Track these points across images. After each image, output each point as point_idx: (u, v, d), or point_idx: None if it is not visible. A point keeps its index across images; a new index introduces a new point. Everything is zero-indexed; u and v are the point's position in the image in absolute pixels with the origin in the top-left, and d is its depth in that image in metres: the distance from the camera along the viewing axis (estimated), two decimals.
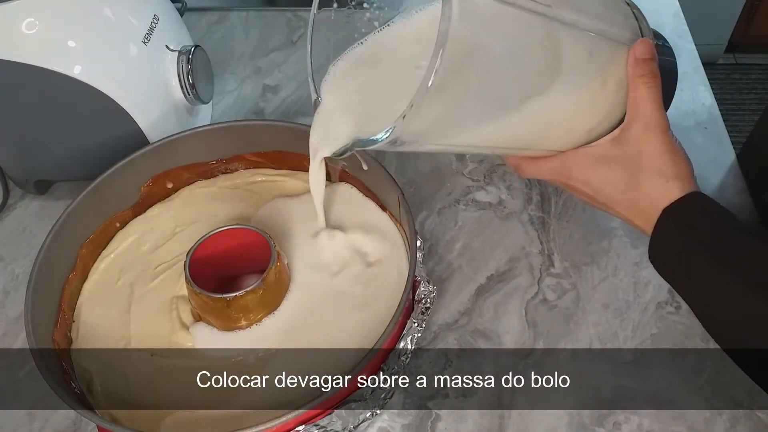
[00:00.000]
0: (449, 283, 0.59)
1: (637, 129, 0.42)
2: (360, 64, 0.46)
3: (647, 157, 0.42)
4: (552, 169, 0.46)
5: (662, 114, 0.42)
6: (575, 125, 0.43)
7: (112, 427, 0.43)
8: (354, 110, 0.45)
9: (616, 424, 0.50)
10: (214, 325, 0.51)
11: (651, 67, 0.42)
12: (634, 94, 0.42)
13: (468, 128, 0.40)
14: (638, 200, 0.43)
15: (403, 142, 0.37)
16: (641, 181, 0.42)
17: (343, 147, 0.44)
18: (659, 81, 0.42)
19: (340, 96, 0.46)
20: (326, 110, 0.47)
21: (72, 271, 0.55)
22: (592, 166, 0.44)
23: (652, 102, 0.42)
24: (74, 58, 0.56)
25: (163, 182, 0.61)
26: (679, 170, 0.42)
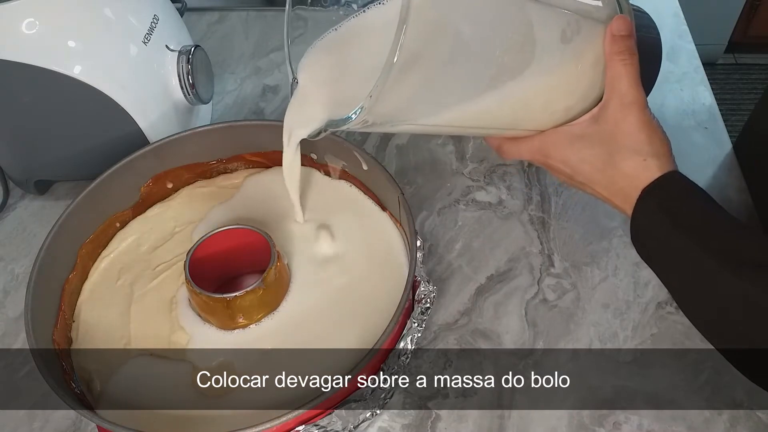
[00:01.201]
0: (449, 283, 0.59)
1: (614, 106, 0.42)
2: (336, 47, 0.46)
3: (624, 134, 0.42)
4: (531, 149, 0.46)
5: (639, 91, 0.42)
6: (552, 104, 0.43)
7: (112, 427, 0.43)
8: (328, 92, 0.45)
9: (616, 424, 0.50)
10: (214, 324, 0.51)
11: (627, 44, 0.41)
12: (611, 71, 0.42)
13: (441, 108, 0.39)
14: (615, 179, 0.42)
15: (375, 122, 0.37)
16: (618, 160, 0.42)
17: (317, 128, 0.44)
18: (636, 58, 0.42)
19: (315, 78, 0.46)
20: (302, 92, 0.47)
21: (72, 271, 0.55)
22: (569, 145, 0.44)
23: (629, 79, 0.41)
24: (74, 58, 0.56)
25: (163, 182, 0.61)
26: (656, 148, 0.42)
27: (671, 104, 0.73)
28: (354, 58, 0.46)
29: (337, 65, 0.46)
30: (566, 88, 0.43)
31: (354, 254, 0.55)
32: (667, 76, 0.76)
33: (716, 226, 0.40)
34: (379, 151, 0.71)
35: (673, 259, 0.41)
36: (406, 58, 0.33)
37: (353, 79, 0.45)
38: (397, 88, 0.34)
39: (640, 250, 0.44)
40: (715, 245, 0.39)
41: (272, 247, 0.51)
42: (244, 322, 0.51)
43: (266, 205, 0.59)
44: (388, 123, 0.39)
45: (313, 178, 0.61)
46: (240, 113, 0.76)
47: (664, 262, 0.43)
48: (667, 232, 0.40)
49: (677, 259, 0.41)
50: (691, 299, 0.42)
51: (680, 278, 0.42)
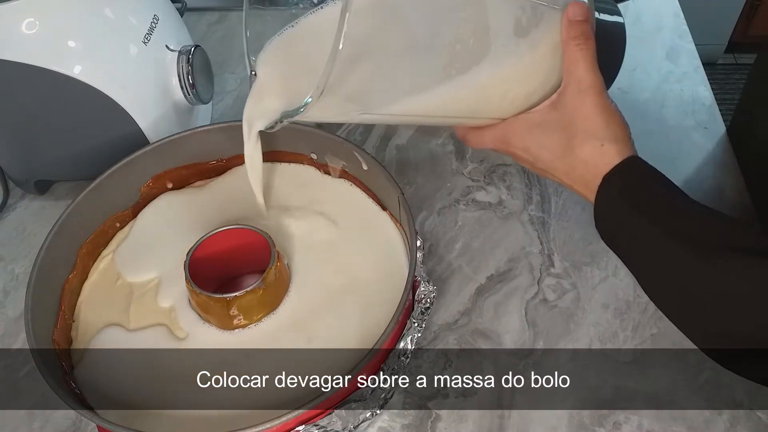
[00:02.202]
0: (449, 283, 0.59)
1: (571, 92, 0.42)
2: (292, 41, 0.46)
3: (581, 119, 0.42)
4: (494, 138, 0.46)
5: (596, 75, 0.41)
6: (511, 92, 0.43)
7: (112, 427, 0.43)
8: (284, 84, 0.46)
9: (616, 424, 0.50)
10: (214, 324, 0.51)
11: (583, 28, 0.41)
12: (568, 56, 0.42)
13: (396, 98, 0.40)
14: (574, 165, 0.42)
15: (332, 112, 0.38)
16: (576, 145, 0.42)
17: (274, 120, 0.45)
18: (592, 43, 0.42)
19: (272, 71, 0.46)
20: (260, 85, 0.47)
21: (72, 271, 0.55)
22: (529, 132, 0.44)
23: (585, 63, 0.41)
24: (74, 58, 0.56)
25: (163, 182, 0.61)
26: (613, 132, 0.41)
27: (671, 104, 0.73)
28: (309, 52, 0.46)
29: (293, 59, 0.46)
30: (525, 76, 0.43)
31: (354, 254, 0.55)
32: (667, 76, 0.76)
33: (677, 210, 0.40)
34: (379, 151, 0.71)
35: (636, 244, 0.41)
36: (354, 47, 0.33)
37: (307, 71, 0.44)
38: (348, 78, 0.34)
39: (604, 236, 0.44)
40: (676, 229, 0.39)
41: (272, 247, 0.51)
42: (244, 322, 0.51)
43: None
44: (345, 113, 0.39)
45: (314, 177, 0.61)
46: (240, 113, 0.76)
47: (627, 248, 0.43)
48: (628, 218, 0.40)
49: (640, 244, 0.41)
50: (655, 283, 0.42)
51: (644, 263, 0.42)
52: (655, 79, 0.76)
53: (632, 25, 0.83)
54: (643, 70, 0.77)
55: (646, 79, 0.76)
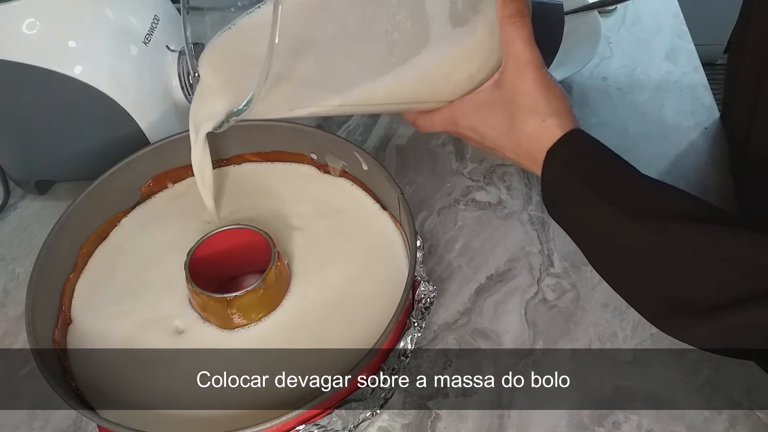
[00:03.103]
0: (449, 282, 0.59)
1: (511, 70, 0.42)
2: (232, 41, 0.47)
3: (522, 96, 0.42)
4: (443, 120, 0.47)
5: (532, 51, 0.42)
6: (453, 74, 0.43)
7: (112, 427, 0.43)
8: (227, 85, 0.46)
9: (615, 424, 0.50)
10: (214, 324, 0.51)
11: (517, 6, 0.42)
12: (504, 35, 0.42)
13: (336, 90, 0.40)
14: (520, 142, 0.43)
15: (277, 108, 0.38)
16: (519, 122, 0.43)
17: (220, 121, 0.45)
18: (527, 20, 0.42)
19: (215, 72, 0.47)
20: (203, 87, 0.47)
21: (72, 271, 0.55)
22: (475, 112, 0.45)
23: (522, 40, 0.42)
24: (75, 58, 0.56)
25: (163, 182, 0.61)
26: (554, 107, 0.42)
27: (671, 104, 0.73)
28: (248, 50, 0.46)
29: (233, 58, 0.47)
30: (465, 58, 0.43)
31: (354, 254, 0.55)
32: (667, 76, 0.76)
33: (619, 180, 0.41)
34: (379, 151, 0.71)
35: (584, 216, 0.42)
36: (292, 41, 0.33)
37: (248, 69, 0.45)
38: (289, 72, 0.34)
39: (551, 211, 0.44)
40: (618, 197, 0.40)
41: (272, 247, 0.51)
42: (244, 321, 0.51)
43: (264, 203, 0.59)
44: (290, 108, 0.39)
45: (314, 177, 0.61)
46: None
47: (571, 219, 0.43)
48: (574, 190, 0.41)
49: (587, 217, 0.41)
50: (599, 254, 0.43)
51: (587, 233, 0.43)
52: (655, 80, 0.76)
53: (632, 25, 0.83)
54: (643, 70, 0.77)
55: (645, 79, 0.76)
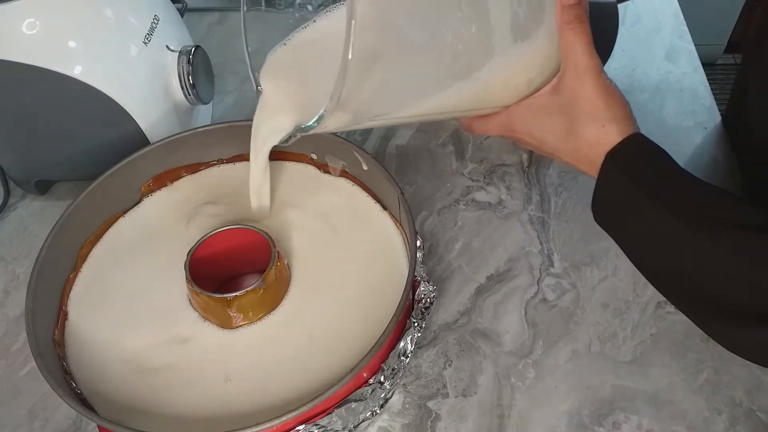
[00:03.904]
0: (449, 283, 0.59)
1: (570, 75, 0.43)
2: (296, 52, 0.47)
3: (581, 102, 0.42)
4: (499, 125, 0.47)
5: (592, 57, 0.42)
6: (512, 81, 0.44)
7: (112, 426, 0.43)
8: (293, 98, 0.46)
9: (615, 424, 0.51)
10: (214, 323, 0.51)
11: (576, 12, 0.42)
12: (564, 41, 0.42)
13: (403, 102, 0.40)
14: (578, 147, 0.43)
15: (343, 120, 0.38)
16: (578, 128, 0.43)
17: (287, 135, 0.45)
18: (587, 25, 0.42)
19: (278, 85, 0.47)
20: (267, 100, 0.47)
21: (72, 271, 0.55)
22: (532, 117, 0.45)
23: (581, 46, 0.42)
24: (75, 58, 0.56)
25: (163, 182, 0.61)
26: (614, 113, 0.42)
27: (671, 104, 0.74)
28: (315, 62, 0.46)
29: (298, 70, 0.47)
30: (525, 64, 0.43)
31: (354, 254, 0.55)
32: (667, 76, 0.76)
33: (679, 187, 0.41)
34: (379, 151, 0.71)
35: (637, 221, 0.42)
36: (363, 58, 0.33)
37: (316, 83, 0.45)
38: (358, 87, 0.35)
39: (599, 214, 0.44)
40: (676, 204, 0.40)
41: (272, 247, 0.51)
42: (244, 321, 0.51)
43: None
44: (357, 121, 0.39)
45: (314, 177, 0.61)
46: (240, 113, 0.76)
47: (627, 226, 0.43)
48: (629, 193, 0.41)
49: (641, 222, 0.41)
50: (652, 260, 0.43)
51: (643, 241, 0.42)
52: (655, 80, 0.76)
53: (632, 26, 0.83)
54: (643, 70, 0.77)
55: (645, 79, 0.76)
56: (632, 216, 0.42)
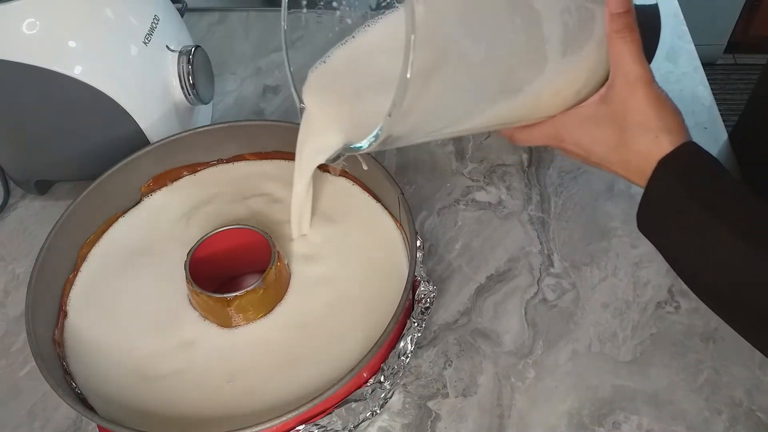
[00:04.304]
0: (449, 283, 0.59)
1: (620, 85, 0.42)
2: (339, 67, 0.46)
3: (633, 112, 0.42)
4: (545, 134, 0.46)
5: (643, 66, 0.41)
6: (561, 92, 0.43)
7: (112, 426, 0.43)
8: (340, 115, 0.45)
9: (615, 424, 0.51)
10: (214, 323, 0.51)
11: (626, 20, 0.41)
12: (613, 50, 0.42)
13: (455, 119, 0.40)
14: (629, 158, 0.42)
15: (396, 139, 0.37)
16: (629, 138, 0.42)
17: (335, 154, 0.44)
18: (637, 34, 0.41)
19: (323, 102, 0.46)
20: (312, 117, 0.46)
21: (72, 271, 0.55)
22: (580, 127, 0.44)
23: (631, 56, 0.41)
24: (75, 58, 0.56)
25: (163, 182, 0.61)
26: (666, 123, 0.41)
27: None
28: (359, 79, 0.46)
29: (343, 87, 0.46)
30: (573, 74, 0.43)
31: (354, 254, 0.55)
32: (667, 77, 0.76)
33: (734, 198, 0.40)
34: (379, 152, 0.71)
35: (687, 231, 0.41)
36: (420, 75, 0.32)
37: (363, 100, 0.45)
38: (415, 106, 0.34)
39: (644, 221, 0.43)
40: (730, 217, 0.39)
41: (272, 247, 0.51)
42: (244, 321, 0.51)
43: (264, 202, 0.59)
44: (405, 138, 0.39)
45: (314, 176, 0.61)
46: (240, 113, 0.77)
47: (675, 235, 0.42)
48: (681, 203, 0.40)
49: (691, 231, 0.40)
50: (700, 273, 0.42)
51: (691, 251, 0.41)
52: None
53: None
54: None
55: None
56: (682, 225, 0.41)
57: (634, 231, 0.61)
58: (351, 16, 0.47)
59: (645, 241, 0.48)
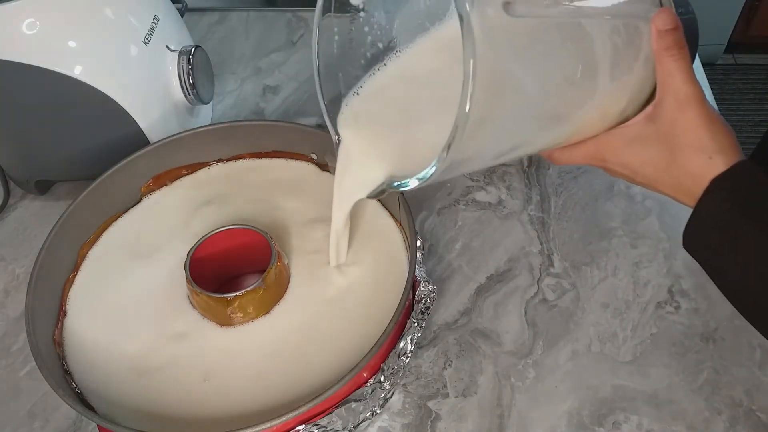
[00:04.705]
0: (449, 282, 0.59)
1: (670, 104, 0.40)
2: (375, 97, 0.45)
3: (684, 132, 0.40)
4: (587, 155, 0.44)
5: (694, 85, 0.40)
6: (608, 111, 0.42)
7: (112, 426, 0.43)
8: (381, 147, 0.44)
9: (615, 424, 0.51)
10: (214, 324, 0.51)
11: (675, 37, 0.39)
12: (662, 68, 0.40)
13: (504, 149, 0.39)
14: (681, 179, 0.41)
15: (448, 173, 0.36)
16: (681, 159, 0.40)
17: (378, 189, 0.43)
18: (686, 51, 0.40)
19: (361, 133, 0.45)
20: (350, 150, 0.45)
21: (72, 271, 0.55)
22: (627, 147, 0.43)
23: (681, 74, 0.40)
24: (75, 58, 0.56)
25: (163, 182, 0.61)
26: (720, 144, 0.39)
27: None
28: (401, 109, 0.44)
29: (383, 118, 0.45)
30: (621, 93, 0.42)
31: (354, 254, 0.55)
32: None
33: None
34: None
35: (739, 251, 0.39)
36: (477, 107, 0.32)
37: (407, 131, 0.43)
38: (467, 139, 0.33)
39: (692, 240, 0.42)
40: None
41: (272, 247, 0.51)
42: (244, 321, 0.51)
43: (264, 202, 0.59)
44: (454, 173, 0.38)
45: (314, 175, 0.61)
46: (240, 113, 0.77)
47: (726, 255, 0.41)
48: (734, 222, 0.39)
49: (743, 252, 0.39)
50: (752, 293, 0.40)
51: (744, 272, 0.40)
52: None
53: None
54: None
55: None
56: (735, 245, 0.40)
57: (634, 231, 0.62)
58: (382, 39, 0.45)
59: (645, 241, 0.48)
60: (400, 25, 0.46)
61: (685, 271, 0.59)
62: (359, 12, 0.44)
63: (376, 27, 0.45)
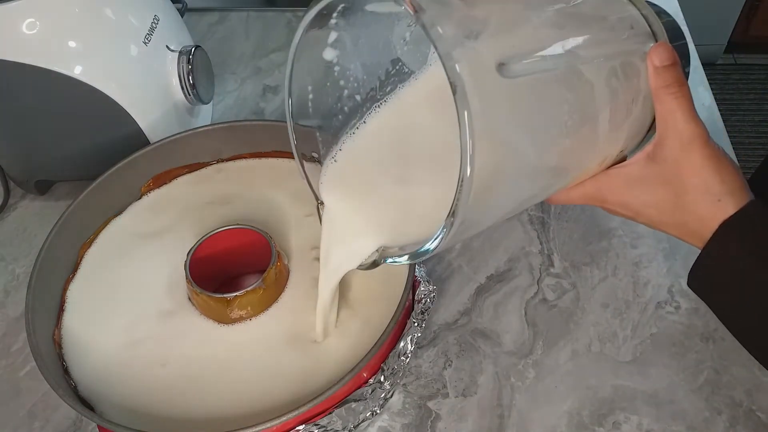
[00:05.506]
0: (449, 283, 0.59)
1: (672, 145, 0.38)
2: (357, 158, 0.43)
3: (689, 174, 0.38)
4: (584, 195, 0.43)
5: (697, 124, 0.38)
6: (607, 154, 0.40)
7: (112, 426, 0.43)
8: (369, 214, 0.41)
9: (615, 424, 0.51)
10: (214, 324, 0.51)
11: (674, 74, 0.38)
12: (662, 107, 0.38)
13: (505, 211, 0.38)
14: (687, 222, 0.39)
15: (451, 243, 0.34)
16: (688, 202, 0.39)
17: (370, 260, 0.40)
18: (686, 88, 0.38)
19: (346, 200, 0.42)
20: (335, 218, 0.42)
21: (72, 271, 0.55)
22: (627, 188, 0.41)
23: (683, 113, 0.38)
24: (75, 58, 0.56)
25: (162, 182, 0.61)
26: (729, 186, 0.38)
27: None
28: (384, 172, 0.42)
29: (365, 182, 0.42)
30: (618, 137, 0.40)
31: None
32: None
33: None
34: None
35: (751, 293, 0.38)
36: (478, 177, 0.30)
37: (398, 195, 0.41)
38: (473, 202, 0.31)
39: (698, 279, 0.41)
40: None
41: (272, 247, 0.51)
42: (243, 320, 0.51)
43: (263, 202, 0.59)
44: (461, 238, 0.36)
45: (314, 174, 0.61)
46: (240, 113, 0.77)
47: (737, 297, 0.39)
48: (743, 264, 0.37)
49: (756, 294, 0.38)
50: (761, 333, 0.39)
51: (752, 312, 0.39)
52: None
53: None
54: None
55: None
56: (743, 286, 0.38)
57: (633, 231, 0.62)
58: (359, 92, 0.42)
59: (645, 241, 0.48)
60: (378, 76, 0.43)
61: (685, 271, 0.58)
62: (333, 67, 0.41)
63: (352, 80, 0.42)
